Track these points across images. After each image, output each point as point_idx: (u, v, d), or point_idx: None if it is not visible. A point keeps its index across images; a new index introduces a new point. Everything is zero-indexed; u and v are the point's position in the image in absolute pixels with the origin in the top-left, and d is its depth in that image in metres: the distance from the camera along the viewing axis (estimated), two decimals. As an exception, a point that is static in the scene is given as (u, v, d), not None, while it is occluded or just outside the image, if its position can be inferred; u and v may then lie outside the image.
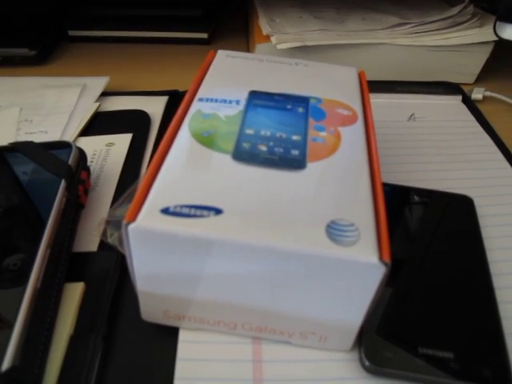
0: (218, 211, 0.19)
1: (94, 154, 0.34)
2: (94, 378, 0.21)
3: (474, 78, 0.49)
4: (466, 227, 0.30)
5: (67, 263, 0.25)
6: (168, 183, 0.20)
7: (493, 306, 0.25)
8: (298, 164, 0.22)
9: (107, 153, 0.35)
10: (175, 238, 0.18)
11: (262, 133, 0.23)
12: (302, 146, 0.23)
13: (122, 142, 0.36)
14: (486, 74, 0.50)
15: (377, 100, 0.43)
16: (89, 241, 0.28)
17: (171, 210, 0.19)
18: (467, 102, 0.44)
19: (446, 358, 0.22)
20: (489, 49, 0.46)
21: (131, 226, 0.18)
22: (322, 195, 0.20)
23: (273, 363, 0.23)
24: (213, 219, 0.19)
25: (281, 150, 0.22)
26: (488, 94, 0.46)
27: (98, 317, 0.24)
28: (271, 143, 0.23)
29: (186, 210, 0.19)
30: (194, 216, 0.19)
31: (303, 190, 0.20)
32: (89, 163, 0.33)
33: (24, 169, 0.28)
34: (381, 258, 0.18)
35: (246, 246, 0.18)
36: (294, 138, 0.23)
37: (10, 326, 0.20)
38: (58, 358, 0.22)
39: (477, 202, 0.31)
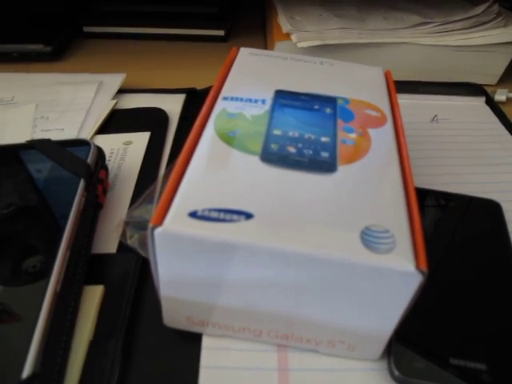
0: (248, 216, 0.18)
1: (112, 153, 0.34)
2: (115, 384, 0.21)
3: (497, 78, 0.48)
4: (493, 232, 0.29)
5: (86, 265, 0.25)
6: (195, 185, 0.19)
7: None
8: (328, 167, 0.21)
9: (125, 151, 0.34)
10: (204, 243, 0.18)
11: (290, 134, 0.23)
12: (332, 147, 0.22)
13: (140, 140, 0.35)
14: (509, 75, 0.48)
15: (399, 100, 0.42)
16: (108, 242, 0.27)
17: (199, 213, 0.18)
18: (491, 103, 0.43)
19: (478, 370, 0.21)
20: (513, 49, 0.45)
21: (158, 230, 0.17)
22: (355, 200, 0.19)
23: (299, 372, 0.22)
24: (243, 224, 0.18)
25: (310, 151, 0.22)
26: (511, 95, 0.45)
27: (118, 321, 0.23)
28: (300, 145, 0.22)
29: (215, 214, 0.18)
30: (224, 220, 0.18)
31: (335, 194, 0.20)
32: (107, 162, 0.32)
33: (41, 167, 0.28)
34: (417, 267, 0.17)
35: (277, 252, 0.18)
36: (323, 139, 0.23)
37: (31, 332, 0.19)
38: (78, 364, 0.21)
39: (505, 207, 0.30)
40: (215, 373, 0.21)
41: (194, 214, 0.18)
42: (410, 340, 0.22)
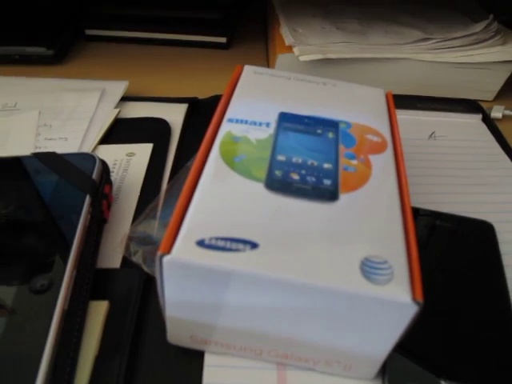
0: (253, 245, 0.19)
1: (115, 164, 0.34)
2: (120, 401, 0.21)
3: (494, 95, 0.49)
4: (486, 254, 0.30)
5: (92, 281, 0.25)
6: (202, 212, 0.20)
7: None
8: (330, 195, 0.22)
9: (128, 163, 0.34)
10: (210, 272, 0.18)
11: (294, 160, 0.23)
12: (334, 175, 0.23)
13: (142, 152, 0.35)
14: (505, 92, 0.49)
15: (398, 116, 0.43)
16: (111, 257, 0.28)
17: (206, 242, 0.19)
18: (487, 120, 0.44)
19: None
20: (511, 67, 0.46)
21: (166, 258, 0.18)
22: (355, 229, 0.20)
23: (297, 391, 0.23)
24: (249, 253, 0.18)
25: (313, 179, 0.22)
26: (508, 112, 0.46)
27: (123, 337, 0.24)
28: (303, 171, 0.23)
29: (221, 243, 0.19)
30: (230, 250, 0.18)
31: (336, 223, 0.20)
32: (110, 173, 0.33)
33: (47, 181, 0.28)
34: (414, 298, 0.18)
35: (281, 282, 0.18)
36: (326, 166, 0.23)
37: (40, 351, 0.20)
38: (84, 380, 0.22)
39: (497, 228, 0.31)
40: (217, 391, 0.22)
41: (201, 243, 0.19)
42: (404, 360, 0.23)
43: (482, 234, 0.31)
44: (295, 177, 0.22)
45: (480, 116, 0.44)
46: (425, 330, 0.25)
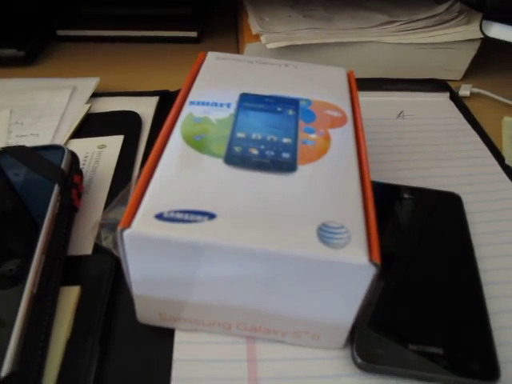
0: (211, 216, 0.19)
1: (86, 157, 0.35)
2: (92, 381, 0.22)
3: (462, 74, 0.50)
4: (453, 224, 0.30)
5: (62, 267, 0.25)
6: (161, 188, 0.20)
7: (481, 301, 0.25)
8: (288, 167, 0.22)
9: (99, 155, 0.35)
10: (169, 244, 0.19)
11: (253, 136, 0.24)
12: (293, 148, 0.23)
13: (113, 143, 0.36)
14: (473, 71, 0.50)
15: (366, 98, 0.43)
16: (83, 244, 0.28)
17: (165, 215, 0.19)
18: (455, 98, 0.45)
19: (435, 354, 0.23)
20: (476, 46, 0.47)
21: (126, 232, 0.19)
22: (313, 197, 0.21)
23: (267, 362, 0.23)
24: (206, 224, 0.19)
25: (272, 153, 0.23)
26: (475, 90, 0.47)
27: (94, 320, 0.24)
28: (262, 146, 0.23)
29: (179, 216, 0.19)
30: (188, 221, 0.19)
31: (294, 192, 0.21)
32: (81, 166, 0.33)
33: (16, 173, 0.28)
34: (371, 259, 0.18)
35: (239, 250, 0.19)
36: (285, 140, 0.24)
37: (8, 332, 0.20)
38: (56, 362, 0.22)
39: (465, 199, 0.32)
40: (187, 365, 0.23)
41: (160, 216, 0.19)
42: (372, 328, 0.24)
43: (449, 204, 0.32)
44: (254, 152, 0.23)
45: (448, 94, 0.45)
46: (392, 298, 0.25)
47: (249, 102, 0.26)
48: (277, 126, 0.25)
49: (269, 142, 0.23)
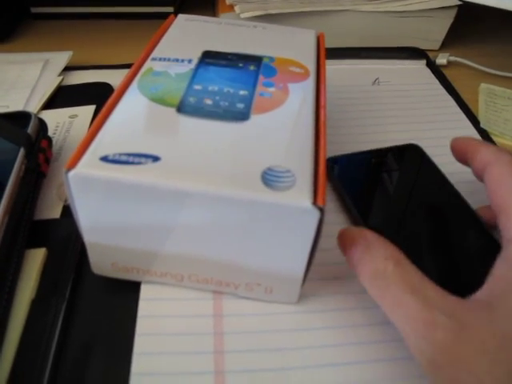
0: (155, 158, 0.19)
1: (57, 126, 0.34)
2: (56, 339, 0.22)
3: (439, 44, 0.49)
4: (425, 169, 0.31)
5: (28, 230, 0.25)
6: (110, 134, 0.20)
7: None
8: (241, 116, 0.22)
9: (70, 124, 0.34)
10: (112, 185, 0.19)
11: (210, 88, 0.24)
12: (248, 99, 0.23)
13: (85, 113, 0.35)
14: (451, 41, 0.50)
15: (342, 66, 0.43)
16: (52, 209, 0.28)
17: (110, 157, 0.19)
18: (431, 66, 0.45)
19: None
20: (452, 13, 0.47)
21: (71, 173, 0.19)
22: (263, 144, 0.21)
23: (232, 317, 0.23)
24: (150, 166, 0.19)
25: (226, 103, 0.23)
26: (452, 58, 0.46)
27: (61, 281, 0.24)
28: (217, 97, 0.23)
29: (124, 158, 0.19)
30: (132, 163, 0.19)
31: (244, 139, 0.21)
32: (52, 135, 0.33)
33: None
34: (315, 203, 0.18)
35: (180, 192, 0.19)
36: (242, 92, 0.24)
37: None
38: (19, 321, 0.22)
39: (439, 160, 0.31)
40: (153, 321, 0.23)
41: (105, 158, 0.19)
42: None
43: (412, 154, 0.32)
44: (208, 102, 0.23)
45: (424, 62, 0.45)
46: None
47: (211, 58, 0.26)
48: (235, 80, 0.24)
49: (225, 93, 0.23)
